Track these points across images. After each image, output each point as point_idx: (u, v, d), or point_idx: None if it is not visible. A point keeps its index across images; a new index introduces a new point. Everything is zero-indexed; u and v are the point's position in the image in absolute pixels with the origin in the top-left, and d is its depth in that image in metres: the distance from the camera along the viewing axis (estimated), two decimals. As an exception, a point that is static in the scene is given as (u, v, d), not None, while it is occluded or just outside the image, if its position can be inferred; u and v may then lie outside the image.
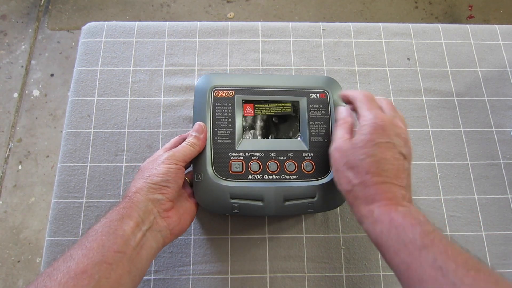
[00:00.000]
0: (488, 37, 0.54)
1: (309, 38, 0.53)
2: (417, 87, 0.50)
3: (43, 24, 1.44)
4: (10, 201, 1.18)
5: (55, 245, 0.42)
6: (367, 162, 0.31)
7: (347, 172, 0.32)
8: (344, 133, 0.35)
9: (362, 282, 0.41)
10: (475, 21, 1.49)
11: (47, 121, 1.29)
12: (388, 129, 0.32)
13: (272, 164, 0.38)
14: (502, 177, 0.46)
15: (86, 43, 0.51)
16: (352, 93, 0.37)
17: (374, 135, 0.31)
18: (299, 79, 0.43)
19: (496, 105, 0.50)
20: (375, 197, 0.30)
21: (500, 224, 0.44)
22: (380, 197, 0.30)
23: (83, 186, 0.44)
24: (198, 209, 0.39)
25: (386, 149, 0.31)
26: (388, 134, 0.32)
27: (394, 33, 0.53)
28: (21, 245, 1.13)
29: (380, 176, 0.30)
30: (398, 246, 0.27)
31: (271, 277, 0.41)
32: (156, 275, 0.41)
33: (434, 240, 0.26)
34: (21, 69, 1.36)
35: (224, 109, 0.40)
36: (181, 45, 0.51)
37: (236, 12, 1.49)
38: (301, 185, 0.38)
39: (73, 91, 0.48)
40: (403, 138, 0.33)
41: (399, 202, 0.30)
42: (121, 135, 0.46)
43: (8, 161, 1.23)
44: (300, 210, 0.38)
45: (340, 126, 0.36)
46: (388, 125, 0.32)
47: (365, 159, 0.31)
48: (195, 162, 0.38)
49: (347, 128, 0.35)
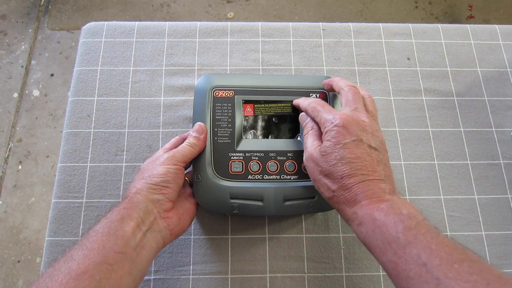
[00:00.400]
0: (488, 37, 0.54)
1: (309, 38, 0.53)
2: (417, 87, 0.50)
3: (43, 24, 1.44)
4: (10, 201, 1.18)
5: (55, 245, 0.42)
6: (339, 166, 0.31)
7: (324, 180, 0.32)
8: (313, 140, 0.34)
9: (362, 282, 0.41)
10: (475, 21, 1.49)
11: (47, 121, 1.29)
12: (351, 127, 0.31)
13: (272, 164, 0.38)
14: (502, 177, 0.46)
15: (86, 43, 0.51)
16: (303, 101, 0.38)
17: (338, 138, 0.31)
18: (299, 79, 0.43)
19: (496, 105, 0.50)
20: (356, 198, 0.30)
21: (500, 224, 0.44)
22: (360, 197, 0.30)
23: (83, 186, 0.44)
24: (198, 209, 0.39)
25: (354, 147, 0.31)
26: (351, 132, 0.31)
27: (394, 33, 0.53)
28: (21, 245, 1.13)
29: (355, 176, 0.30)
30: (383, 246, 0.27)
31: (271, 277, 0.41)
32: (156, 275, 0.41)
33: (417, 236, 0.26)
34: (21, 69, 1.36)
35: (224, 109, 0.40)
36: (181, 45, 0.51)
37: (236, 12, 1.49)
38: (301, 185, 0.38)
39: (73, 91, 0.48)
40: (369, 131, 0.32)
41: (381, 197, 0.29)
42: (121, 135, 0.46)
43: (8, 161, 1.23)
44: (300, 210, 0.38)
45: (307, 134, 0.35)
46: (349, 122, 0.32)
47: (337, 164, 0.31)
48: (195, 162, 0.38)
49: (314, 135, 0.35)
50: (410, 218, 0.27)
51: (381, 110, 0.49)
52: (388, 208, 0.28)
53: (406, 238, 0.26)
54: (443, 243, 0.25)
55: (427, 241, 0.25)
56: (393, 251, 0.26)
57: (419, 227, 0.27)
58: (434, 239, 0.26)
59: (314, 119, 0.35)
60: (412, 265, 0.25)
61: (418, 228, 0.27)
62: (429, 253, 0.25)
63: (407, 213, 0.28)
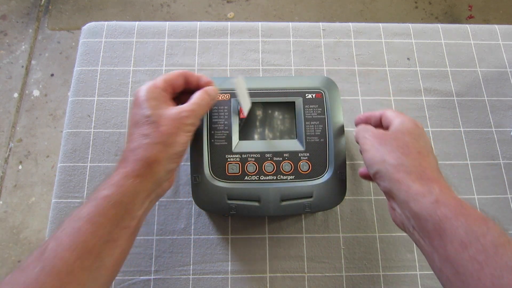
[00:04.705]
0: (488, 37, 0.54)
1: (309, 38, 0.53)
2: (417, 87, 0.50)
3: (43, 24, 1.44)
4: (10, 201, 1.18)
5: (55, 245, 0.42)
6: (417, 145, 0.29)
7: (395, 151, 0.29)
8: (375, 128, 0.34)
9: (362, 282, 0.41)
10: (475, 21, 1.49)
11: (47, 121, 1.29)
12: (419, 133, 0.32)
13: (269, 164, 0.39)
14: (502, 177, 0.46)
15: (86, 43, 0.51)
16: (366, 114, 0.37)
17: (409, 133, 0.31)
18: (295, 80, 0.43)
19: (496, 105, 0.50)
20: (433, 175, 0.27)
21: (500, 224, 0.44)
22: (438, 177, 0.27)
23: (83, 186, 0.44)
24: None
25: (424, 145, 0.31)
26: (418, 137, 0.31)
27: (394, 33, 0.53)
28: (21, 245, 1.13)
29: (433, 163, 0.29)
30: (468, 238, 0.22)
31: (271, 277, 0.41)
32: (156, 275, 0.41)
33: (511, 241, 0.22)
34: (21, 69, 1.36)
35: (220, 112, 0.40)
36: (181, 45, 0.51)
37: (236, 12, 1.49)
38: (297, 185, 0.38)
39: (73, 91, 0.48)
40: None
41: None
42: (121, 135, 0.46)
43: (8, 161, 1.23)
44: (297, 210, 0.38)
45: (366, 131, 0.34)
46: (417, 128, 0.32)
47: (413, 142, 0.30)
48: (192, 164, 0.39)
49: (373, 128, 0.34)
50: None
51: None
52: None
53: (499, 238, 0.22)
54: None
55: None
56: (482, 247, 0.22)
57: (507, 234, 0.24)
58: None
59: (382, 121, 0.35)
60: (505, 271, 0.21)
61: (506, 234, 0.24)
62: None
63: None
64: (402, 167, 0.28)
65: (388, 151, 0.29)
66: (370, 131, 0.33)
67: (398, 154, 0.29)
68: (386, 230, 0.43)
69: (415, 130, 0.31)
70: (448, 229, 0.23)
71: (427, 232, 0.25)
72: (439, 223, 0.24)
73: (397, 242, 0.43)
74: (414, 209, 0.26)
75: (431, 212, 0.25)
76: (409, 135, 0.30)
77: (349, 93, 0.50)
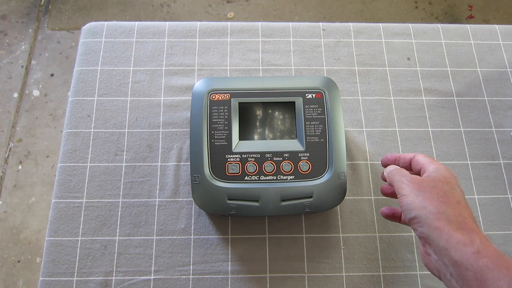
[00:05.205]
0: (488, 37, 0.54)
1: (309, 38, 0.53)
2: (417, 87, 0.50)
3: (43, 24, 1.44)
4: (10, 201, 1.18)
5: (55, 245, 0.42)
6: (455, 194, 0.30)
7: (435, 198, 0.30)
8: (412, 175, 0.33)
9: (362, 282, 0.41)
10: (475, 21, 1.49)
11: (47, 121, 1.29)
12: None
13: (269, 165, 0.39)
14: (502, 177, 0.46)
15: (86, 43, 0.51)
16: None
17: (447, 182, 0.31)
18: (295, 80, 0.43)
19: (496, 105, 0.50)
20: (473, 225, 0.28)
21: (500, 224, 0.44)
22: (477, 227, 0.28)
23: (83, 186, 0.44)
24: None
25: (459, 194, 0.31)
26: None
27: (394, 33, 0.53)
28: (21, 245, 1.12)
29: (471, 213, 0.29)
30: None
31: (271, 277, 0.41)
32: (156, 275, 0.41)
33: None
34: (21, 69, 1.36)
35: (220, 112, 0.40)
36: (181, 45, 0.51)
37: (236, 12, 1.49)
38: (297, 185, 0.38)
39: (73, 91, 0.48)
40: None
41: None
42: (121, 135, 0.46)
43: (8, 161, 1.23)
44: (297, 210, 0.38)
45: (402, 176, 0.33)
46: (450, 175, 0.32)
47: (451, 191, 0.30)
48: (192, 164, 0.39)
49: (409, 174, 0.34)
50: None
51: (381, 110, 0.49)
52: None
53: None
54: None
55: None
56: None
57: None
58: None
59: (420, 169, 0.35)
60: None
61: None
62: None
63: None
64: (443, 215, 0.28)
65: (428, 198, 0.30)
66: (407, 176, 0.33)
67: (438, 202, 0.29)
68: (386, 230, 0.43)
69: (452, 179, 0.32)
70: (490, 279, 0.24)
71: (467, 281, 0.25)
72: (480, 273, 0.24)
73: (397, 242, 0.43)
74: (455, 257, 0.26)
75: (473, 262, 0.25)
76: (446, 184, 0.31)
77: (349, 93, 0.50)
